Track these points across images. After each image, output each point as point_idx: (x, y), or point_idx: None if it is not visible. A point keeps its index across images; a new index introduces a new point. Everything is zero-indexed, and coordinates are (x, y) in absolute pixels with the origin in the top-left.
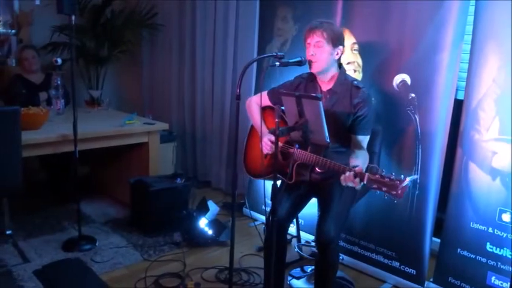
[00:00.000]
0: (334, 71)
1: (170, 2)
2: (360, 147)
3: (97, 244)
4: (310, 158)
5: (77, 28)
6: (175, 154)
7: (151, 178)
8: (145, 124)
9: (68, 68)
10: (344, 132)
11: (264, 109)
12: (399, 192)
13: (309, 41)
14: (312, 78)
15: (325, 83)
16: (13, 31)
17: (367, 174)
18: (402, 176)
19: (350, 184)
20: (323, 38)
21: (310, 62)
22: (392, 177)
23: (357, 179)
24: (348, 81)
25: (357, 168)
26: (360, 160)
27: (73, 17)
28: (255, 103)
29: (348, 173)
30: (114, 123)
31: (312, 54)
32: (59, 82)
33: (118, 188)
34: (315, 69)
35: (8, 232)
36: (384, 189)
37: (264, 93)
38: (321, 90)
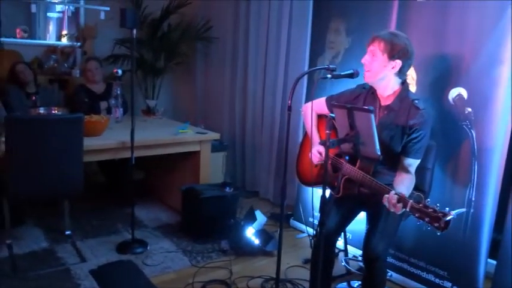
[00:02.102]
0: (394, 86)
1: (225, 15)
2: (408, 171)
3: (148, 248)
4: (357, 175)
5: (137, 41)
6: (225, 163)
7: (202, 186)
8: (198, 133)
9: (127, 79)
10: (396, 151)
11: (320, 117)
12: (442, 225)
13: (367, 48)
14: (372, 90)
15: (385, 98)
16: (78, 43)
17: (410, 201)
18: (447, 208)
19: (391, 209)
20: (378, 47)
21: (365, 71)
22: (437, 208)
23: (400, 205)
24: (409, 100)
25: (401, 193)
26: (405, 185)
27: (134, 31)
28: (311, 109)
29: (391, 195)
30: (168, 131)
31: (365, 62)
32: (118, 92)
33: (170, 194)
34: (366, 79)
35: (67, 232)
36: (426, 219)
37: (322, 100)
38: (380, 105)
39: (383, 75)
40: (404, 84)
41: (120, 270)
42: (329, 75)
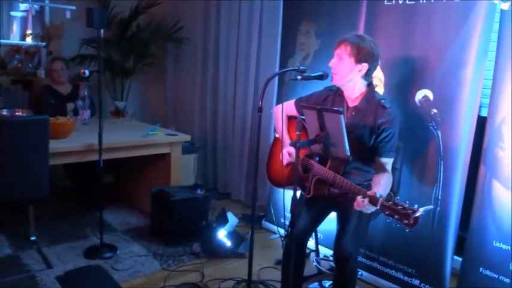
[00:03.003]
0: (361, 88)
1: (195, 16)
2: (384, 169)
3: (118, 252)
4: (328, 175)
5: (104, 41)
6: (196, 165)
7: (173, 188)
8: (168, 135)
9: (94, 80)
10: (366, 151)
11: (290, 118)
12: (411, 222)
13: (334, 51)
14: (339, 92)
15: (352, 100)
16: (43, 43)
17: (380, 199)
18: (416, 205)
19: (362, 209)
20: (345, 51)
21: (332, 74)
22: (406, 205)
23: (368, 203)
24: (375, 100)
25: (369, 192)
26: (382, 184)
27: (101, 31)
28: (282, 111)
29: (359, 198)
30: (137, 133)
31: (332, 66)
32: (86, 93)
33: (140, 197)
34: (334, 81)
35: (32, 238)
36: (396, 217)
37: (292, 102)
38: (347, 106)
39: (350, 78)
40: (370, 85)
41: (88, 276)
42: (299, 77)
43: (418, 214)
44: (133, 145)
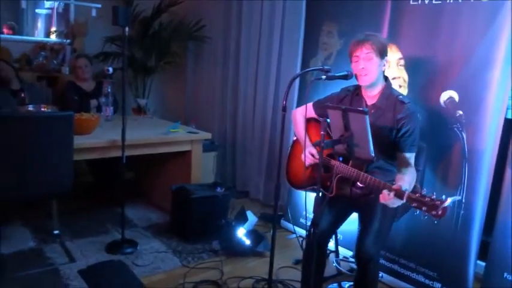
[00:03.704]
0: (381, 84)
1: (216, 15)
2: (407, 164)
3: (138, 248)
4: (351, 172)
5: (127, 39)
6: (216, 163)
7: (193, 186)
8: (189, 133)
9: (117, 77)
10: (387, 148)
11: (308, 121)
12: (439, 212)
13: (357, 53)
14: (357, 91)
15: (371, 97)
16: (68, 41)
17: (406, 192)
18: (444, 196)
19: (388, 203)
20: (373, 50)
21: (358, 76)
22: (434, 197)
23: (393, 196)
24: (393, 96)
25: (394, 186)
26: (407, 179)
27: (126, 29)
28: (300, 114)
29: (385, 192)
30: (159, 131)
31: (363, 67)
32: (109, 90)
33: (160, 194)
34: (365, 82)
35: (55, 232)
36: (423, 208)
37: (310, 105)
38: (366, 104)
39: (379, 76)
40: (387, 81)
41: (109, 270)
42: (323, 77)
43: (446, 204)
44: (155, 142)
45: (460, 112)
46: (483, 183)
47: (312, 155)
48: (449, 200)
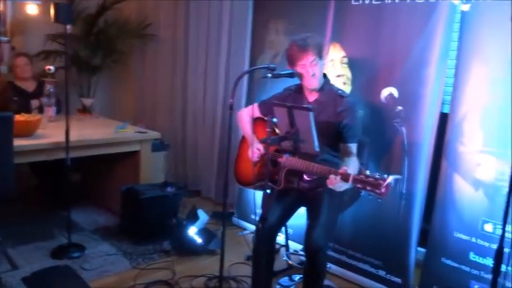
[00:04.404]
0: (321, 82)
1: (163, 12)
2: (350, 153)
3: (86, 252)
4: (299, 164)
5: (71, 37)
6: (166, 163)
7: (143, 186)
8: (138, 133)
9: (60, 76)
10: (331, 140)
11: (254, 120)
12: (383, 190)
13: (303, 62)
14: (299, 90)
15: (312, 94)
16: (6, 38)
17: (351, 175)
18: (385, 175)
19: (336, 187)
20: (315, 55)
21: (307, 80)
22: (377, 176)
23: (340, 180)
24: (333, 91)
25: (340, 170)
26: (350, 166)
27: (68, 26)
28: (246, 114)
29: (332, 176)
30: (106, 131)
31: (313, 75)
32: (51, 90)
33: (108, 196)
34: (315, 85)
35: None
36: (368, 188)
37: (255, 105)
38: (308, 101)
39: (321, 75)
40: (326, 77)
41: (55, 276)
42: (269, 75)
43: (388, 182)
44: (102, 143)
45: (400, 107)
46: (422, 175)
47: (259, 150)
48: (390, 178)
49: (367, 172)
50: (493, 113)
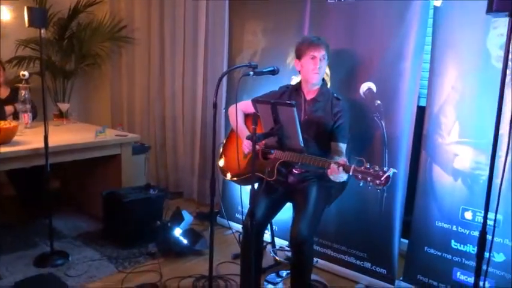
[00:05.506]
0: (321, 81)
1: (138, 14)
2: (340, 153)
3: (70, 259)
4: (292, 156)
5: (44, 41)
6: (147, 166)
7: (124, 190)
8: (118, 136)
9: (34, 82)
10: (323, 137)
11: (247, 116)
12: (383, 181)
13: (315, 54)
14: (296, 87)
15: (310, 92)
16: None
17: (353, 166)
18: (385, 168)
19: (337, 177)
20: (326, 52)
21: (311, 74)
22: (377, 168)
23: (342, 170)
24: (329, 93)
25: (340, 161)
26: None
27: (43, 30)
28: (238, 109)
29: (334, 165)
30: (85, 136)
31: (320, 67)
32: (26, 96)
33: (90, 201)
34: (317, 80)
35: None
36: (368, 179)
37: (249, 102)
38: (305, 99)
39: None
40: (323, 79)
41: (40, 285)
42: (251, 72)
43: (388, 174)
44: (82, 147)
45: (378, 102)
46: (402, 167)
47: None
48: (391, 170)
49: (367, 165)
50: (467, 105)
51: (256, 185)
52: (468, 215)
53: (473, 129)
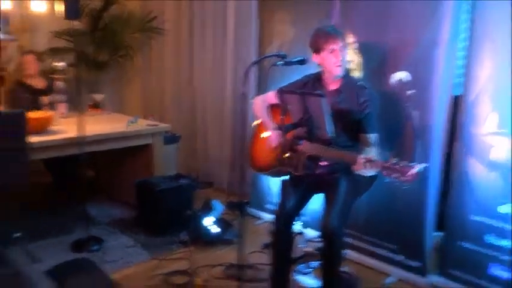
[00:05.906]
0: (344, 71)
1: (168, 6)
2: (370, 144)
3: (105, 244)
4: (319, 149)
5: (77, 33)
6: (177, 155)
7: (156, 179)
8: (149, 126)
9: (69, 73)
10: (351, 128)
11: (271, 107)
12: (409, 178)
13: (334, 46)
14: (318, 77)
15: (333, 83)
16: (12, 37)
17: (380, 161)
18: (412, 163)
19: (364, 172)
20: (344, 43)
21: (333, 67)
22: (404, 164)
23: (368, 165)
24: (354, 82)
25: (368, 157)
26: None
27: (76, 22)
28: (262, 101)
29: (361, 160)
30: (118, 126)
31: (342, 59)
32: (61, 86)
33: (123, 189)
34: (340, 72)
35: (16, 234)
36: (395, 175)
37: (272, 92)
38: (327, 89)
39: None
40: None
41: (77, 269)
42: (281, 62)
43: (415, 170)
44: (115, 137)
45: (411, 91)
46: (436, 158)
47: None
48: (418, 166)
49: (394, 160)
50: (506, 95)
51: (286, 177)
52: (505, 209)
53: (510, 120)
